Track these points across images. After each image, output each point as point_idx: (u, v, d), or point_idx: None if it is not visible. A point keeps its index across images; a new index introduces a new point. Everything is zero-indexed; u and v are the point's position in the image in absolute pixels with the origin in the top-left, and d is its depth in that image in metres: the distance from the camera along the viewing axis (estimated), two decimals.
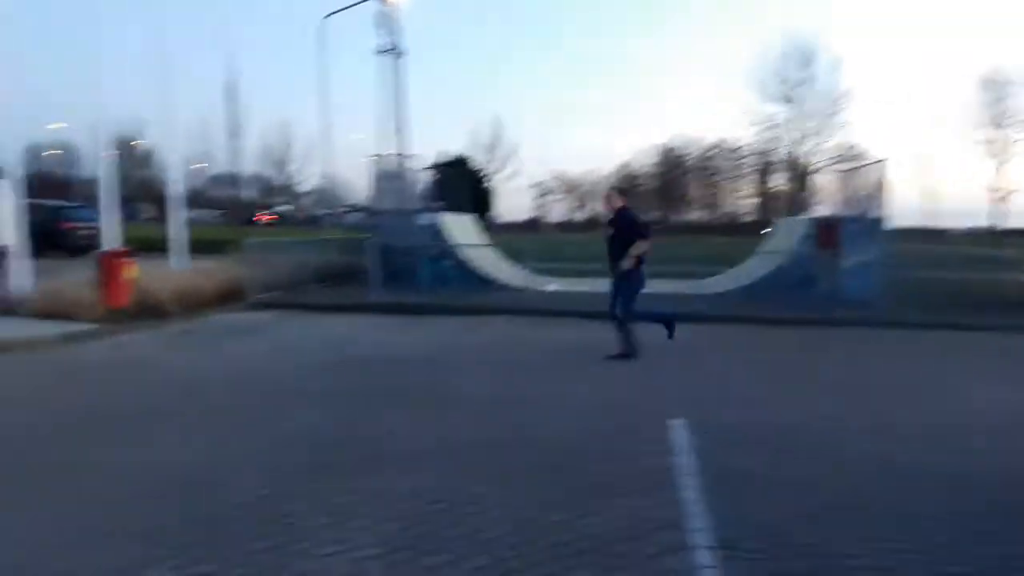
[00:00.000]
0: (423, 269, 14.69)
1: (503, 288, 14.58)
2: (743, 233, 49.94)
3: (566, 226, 77.44)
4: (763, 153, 67.71)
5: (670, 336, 8.70)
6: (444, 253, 14.92)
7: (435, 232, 15.13)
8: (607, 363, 8.05)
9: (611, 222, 8.22)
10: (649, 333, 8.47)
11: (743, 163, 73.03)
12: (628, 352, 8.19)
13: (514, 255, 17.53)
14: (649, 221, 9.03)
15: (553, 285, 15.19)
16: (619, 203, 8.25)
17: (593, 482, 4.40)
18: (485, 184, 59.57)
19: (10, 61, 10.29)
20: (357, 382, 7.11)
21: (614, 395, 6.67)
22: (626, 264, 7.92)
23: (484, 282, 14.74)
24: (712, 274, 16.56)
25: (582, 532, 3.69)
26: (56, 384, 6.90)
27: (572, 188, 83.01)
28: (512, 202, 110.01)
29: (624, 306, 8.15)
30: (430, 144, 78.00)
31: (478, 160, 62.33)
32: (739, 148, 70.68)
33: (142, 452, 4.86)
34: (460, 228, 16.10)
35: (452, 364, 8.15)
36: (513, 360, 8.42)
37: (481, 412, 6.04)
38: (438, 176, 19.76)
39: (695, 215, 77.68)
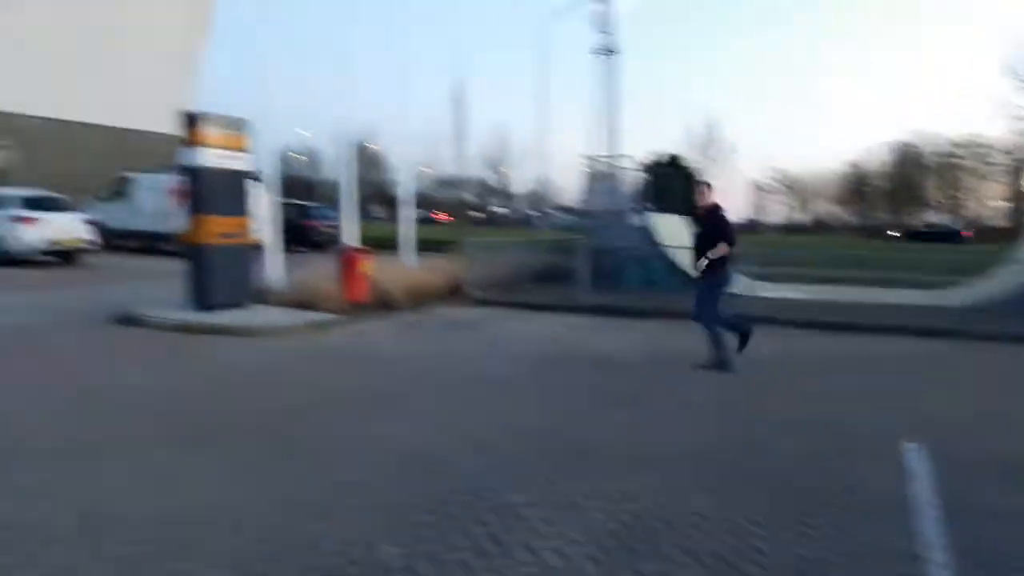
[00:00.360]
0: (632, 271, 14.61)
1: None
2: (991, 239, 44.64)
3: (786, 228, 73.50)
4: (1018, 150, 60.02)
5: (741, 348, 8.01)
6: (654, 255, 14.74)
7: (645, 233, 14.99)
8: (815, 378, 7.55)
9: (700, 219, 7.91)
10: (905, 346, 7.83)
11: (993, 161, 65.24)
12: (720, 363, 7.69)
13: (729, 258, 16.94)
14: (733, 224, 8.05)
15: (781, 291, 14.42)
16: (711, 200, 7.86)
17: (820, 502, 4.16)
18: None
19: (267, 74, 11.53)
20: (569, 379, 7.24)
21: (843, 412, 6.24)
22: (702, 264, 7.60)
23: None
24: (953, 284, 14.97)
25: (805, 554, 3.50)
26: (303, 367, 7.67)
27: (793, 187, 78.66)
28: (728, 203, 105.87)
29: (705, 309, 7.74)
30: (642, 144, 77.35)
31: (692, 159, 60.84)
32: (988, 145, 63.25)
33: (376, 432, 5.27)
34: (671, 229, 15.82)
35: (665, 367, 8.04)
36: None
37: (696, 418, 5.92)
38: (650, 176, 19.58)
39: (933, 218, 70.53)
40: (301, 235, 23.47)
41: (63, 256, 17.17)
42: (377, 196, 67.89)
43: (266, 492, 4.11)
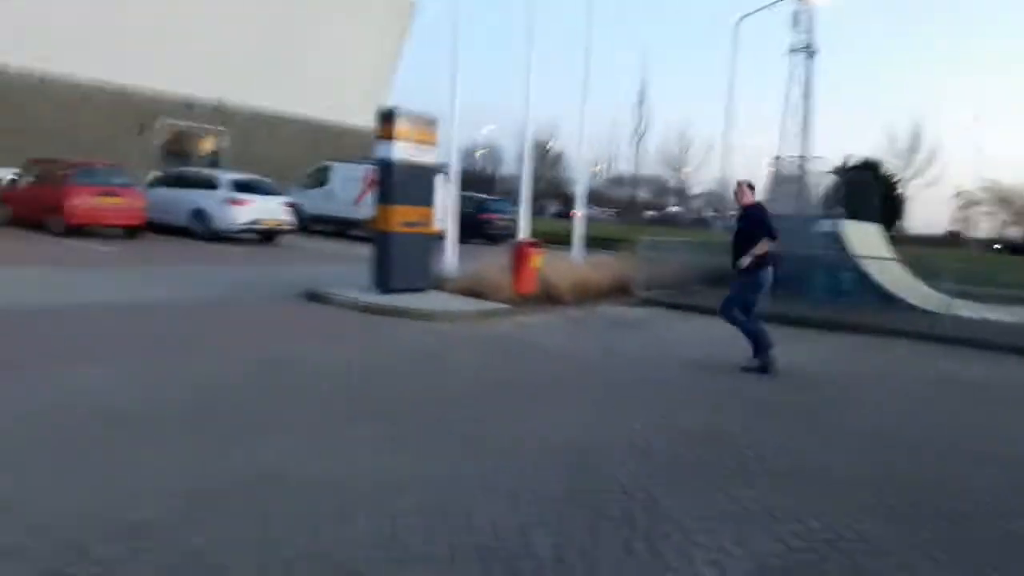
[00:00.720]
0: (817, 279, 13.77)
1: (909, 309, 13.02)
2: None
3: (994, 244, 66.47)
4: None
5: (754, 357, 7.68)
6: (842, 264, 13.82)
7: (834, 241, 14.07)
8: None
9: (739, 218, 7.85)
10: None
11: None
12: (763, 365, 7.56)
13: (926, 273, 15.58)
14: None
15: (984, 311, 13.05)
16: (749, 198, 7.81)
17: (1014, 548, 3.71)
18: (897, 191, 53.74)
19: (457, 71, 11.94)
20: (735, 388, 6.94)
21: None
22: (745, 261, 7.50)
23: (886, 299, 13.30)
24: None
25: None
26: (470, 353, 7.89)
27: (1005, 200, 70.99)
28: (929, 213, 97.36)
29: (731, 302, 7.74)
30: (835, 147, 72.92)
31: (890, 165, 56.45)
32: None
33: (534, 422, 5.31)
34: (863, 238, 14.76)
35: (840, 384, 7.53)
36: (911, 390, 7.50)
37: (878, 441, 5.49)
38: (842, 181, 18.37)
39: None
40: (478, 227, 24.21)
41: (264, 235, 18.72)
42: (553, 192, 68.66)
43: (425, 469, 4.25)
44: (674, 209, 74.61)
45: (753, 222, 7.67)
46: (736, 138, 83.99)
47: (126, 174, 17.67)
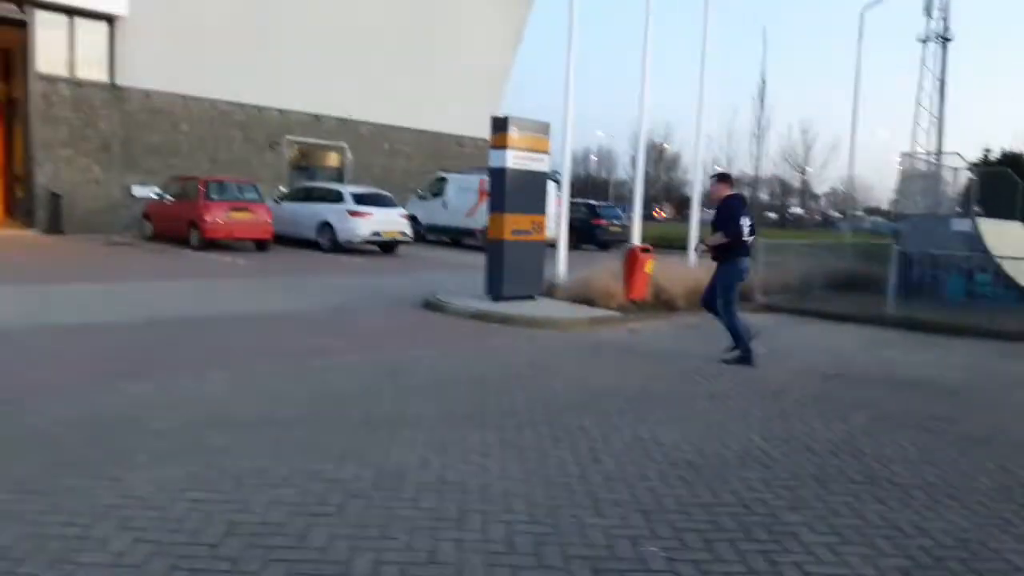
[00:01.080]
0: (953, 282, 12.98)
1: None
2: None
3: None
4: None
5: (728, 355, 7.74)
6: (980, 265, 12.93)
7: (971, 241, 13.20)
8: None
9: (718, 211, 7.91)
10: None
11: None
12: (742, 356, 7.65)
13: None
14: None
15: None
16: (724, 191, 7.91)
17: None
18: None
19: (570, 77, 11.97)
20: (862, 398, 6.61)
21: None
22: (698, 248, 7.80)
23: None
24: None
25: None
26: (581, 361, 7.88)
27: None
28: None
29: (722, 299, 7.74)
30: (972, 141, 68.19)
31: None
32: None
33: (646, 431, 5.24)
34: (1003, 237, 13.75)
35: (977, 394, 7.04)
36: None
37: (1014, 454, 5.10)
38: (980, 177, 17.16)
39: None
40: (589, 233, 24.18)
41: (382, 246, 19.40)
42: (666, 195, 67.57)
43: (538, 476, 4.28)
44: (796, 210, 71.80)
45: (720, 213, 7.81)
46: (862, 134, 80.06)
47: (256, 190, 18.76)
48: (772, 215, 68.38)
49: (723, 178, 8.20)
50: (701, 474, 4.44)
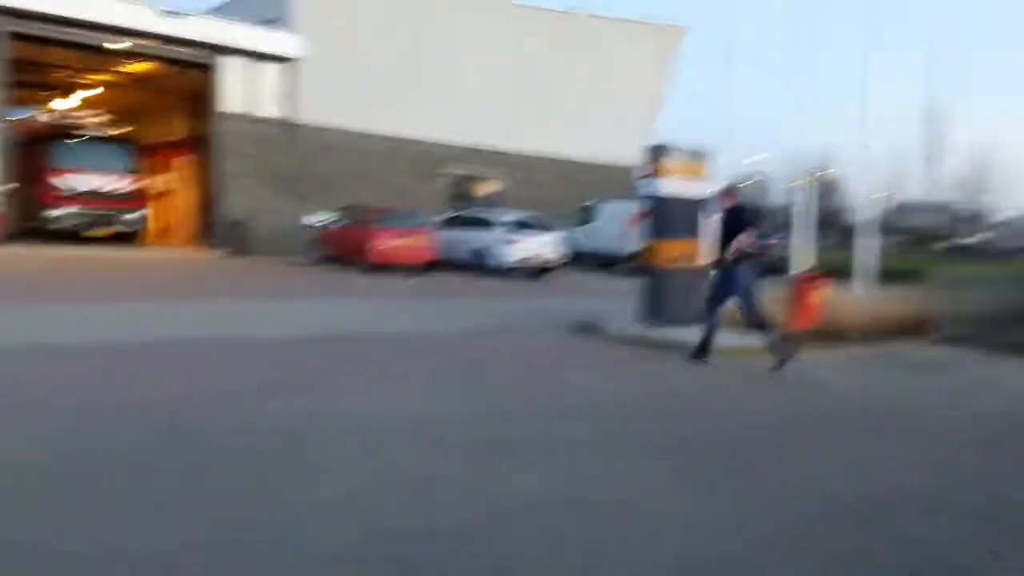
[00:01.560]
0: None
1: None
2: None
3: None
4: None
5: (694, 354, 8.34)
6: None
7: None
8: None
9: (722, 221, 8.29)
10: None
11: None
12: (700, 351, 8.26)
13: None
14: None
15: None
16: (729, 202, 8.50)
17: None
18: None
19: (728, 102, 11.76)
20: None
21: None
22: (730, 254, 8.14)
23: None
24: None
25: None
26: (739, 388, 7.66)
27: None
28: None
29: (714, 301, 8.34)
30: None
31: None
32: None
33: (807, 468, 4.99)
34: None
35: None
36: None
37: None
38: None
39: None
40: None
41: (536, 271, 19.74)
42: (827, 222, 64.18)
43: (712, 507, 4.18)
44: (975, 238, 66.06)
45: (734, 217, 8.36)
46: None
47: (420, 216, 19.73)
48: (948, 243, 63.27)
49: (728, 191, 8.85)
50: (869, 517, 4.11)
